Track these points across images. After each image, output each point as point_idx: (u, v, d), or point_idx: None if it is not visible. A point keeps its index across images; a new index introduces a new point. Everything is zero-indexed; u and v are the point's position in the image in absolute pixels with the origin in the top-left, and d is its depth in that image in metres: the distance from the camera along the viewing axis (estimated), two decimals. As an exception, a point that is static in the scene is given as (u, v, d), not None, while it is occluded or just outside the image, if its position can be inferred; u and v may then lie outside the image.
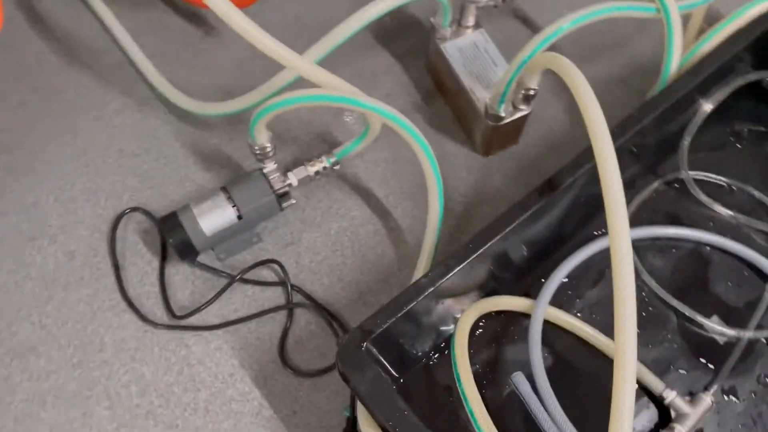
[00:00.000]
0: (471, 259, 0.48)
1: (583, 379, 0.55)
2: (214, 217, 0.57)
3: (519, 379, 0.51)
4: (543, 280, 0.56)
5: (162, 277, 0.59)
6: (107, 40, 0.70)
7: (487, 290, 0.56)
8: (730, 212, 0.62)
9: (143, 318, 0.58)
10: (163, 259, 0.60)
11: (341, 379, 0.45)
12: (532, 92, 0.58)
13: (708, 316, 0.57)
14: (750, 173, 0.64)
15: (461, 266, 0.48)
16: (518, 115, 0.60)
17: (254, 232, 0.61)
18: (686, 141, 0.62)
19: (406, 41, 0.72)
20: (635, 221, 0.60)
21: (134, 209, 0.62)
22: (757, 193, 0.63)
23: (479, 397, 0.48)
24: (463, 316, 0.53)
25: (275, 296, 0.60)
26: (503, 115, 0.60)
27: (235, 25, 0.47)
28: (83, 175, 0.64)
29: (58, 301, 0.59)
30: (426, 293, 0.47)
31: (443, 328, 0.54)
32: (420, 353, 0.54)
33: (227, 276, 0.59)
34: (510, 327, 0.56)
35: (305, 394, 0.56)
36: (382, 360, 0.47)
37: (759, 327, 0.57)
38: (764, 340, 0.57)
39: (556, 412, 0.49)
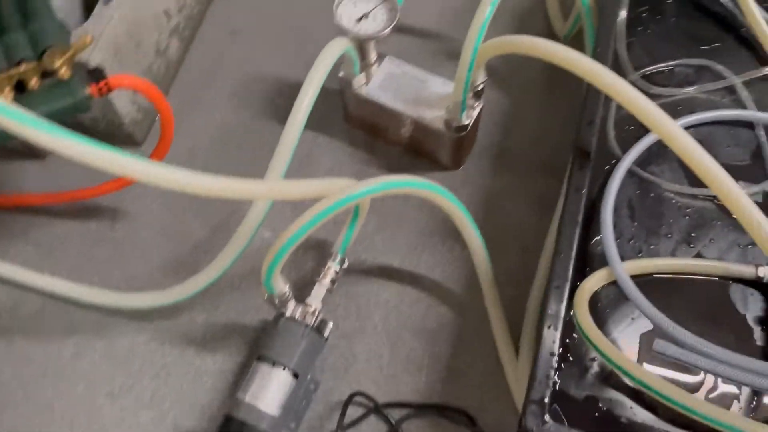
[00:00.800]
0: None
1: (693, 312, 0.54)
2: (271, 393, 0.49)
3: (662, 344, 0.49)
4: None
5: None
6: (19, 293, 0.58)
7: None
8: (689, 89, 0.63)
9: None
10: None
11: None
12: (481, 86, 0.55)
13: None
14: (677, 48, 0.66)
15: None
16: (476, 113, 0.57)
17: (308, 381, 0.53)
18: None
19: (315, 113, 0.66)
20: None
21: (171, 441, 0.52)
22: (694, 61, 0.65)
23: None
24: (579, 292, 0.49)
25: (373, 427, 0.52)
26: (467, 122, 0.56)
27: (198, 185, 0.39)
28: (86, 443, 0.53)
29: None
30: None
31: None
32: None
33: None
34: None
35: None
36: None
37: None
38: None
39: (715, 352, 0.47)
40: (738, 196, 0.39)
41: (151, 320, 0.56)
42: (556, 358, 0.41)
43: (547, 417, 0.39)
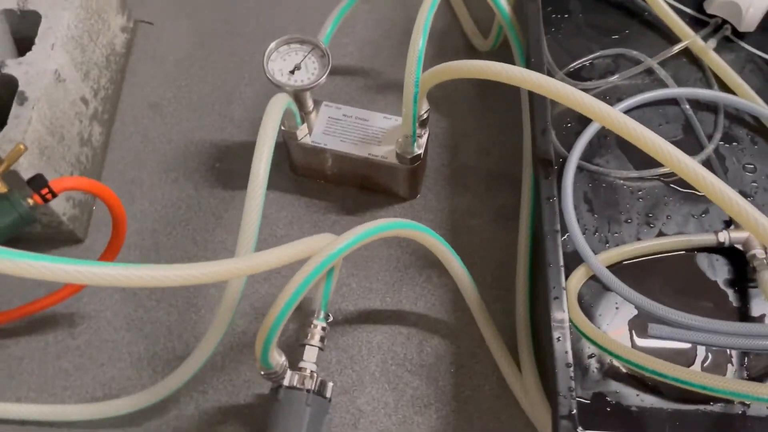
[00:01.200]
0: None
1: (669, 289, 0.57)
2: (289, 471, 0.46)
3: (656, 328, 0.50)
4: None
5: None
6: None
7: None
8: (612, 78, 0.66)
9: None
10: None
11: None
12: (425, 115, 0.56)
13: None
14: (590, 41, 0.69)
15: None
16: (424, 141, 0.58)
17: (320, 445, 0.51)
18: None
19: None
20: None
21: None
22: (610, 51, 0.69)
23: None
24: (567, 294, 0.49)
25: (397, 476, 0.51)
26: (419, 151, 0.57)
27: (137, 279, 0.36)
28: None
29: None
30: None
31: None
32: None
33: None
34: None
35: None
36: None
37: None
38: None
39: (705, 324, 0.49)
40: (692, 165, 0.41)
41: (139, 424, 0.53)
42: (572, 369, 0.41)
43: (579, 430, 0.39)
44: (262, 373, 0.47)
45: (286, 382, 0.49)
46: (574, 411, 0.40)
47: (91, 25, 0.62)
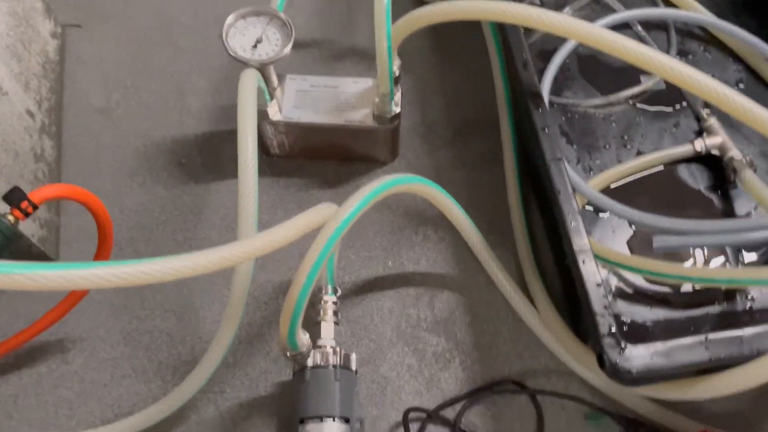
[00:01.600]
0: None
1: (658, 204, 0.58)
2: (333, 450, 0.45)
3: (661, 239, 0.51)
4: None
5: None
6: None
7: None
8: (566, 10, 0.67)
9: None
10: None
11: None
12: (398, 71, 0.54)
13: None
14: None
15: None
16: (399, 98, 0.56)
17: (356, 422, 0.49)
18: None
19: (232, 159, 0.62)
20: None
21: None
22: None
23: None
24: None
25: (436, 434, 0.51)
26: (398, 109, 0.55)
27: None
28: None
29: None
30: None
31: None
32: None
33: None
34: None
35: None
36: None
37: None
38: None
39: (707, 227, 0.51)
40: (679, 66, 0.41)
41: (160, 437, 0.50)
42: (602, 288, 0.41)
43: (623, 344, 0.40)
44: (288, 355, 0.45)
45: (310, 363, 0.47)
46: (614, 329, 0.40)
47: (21, 32, 0.58)
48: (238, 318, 0.47)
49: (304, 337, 0.45)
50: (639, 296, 0.54)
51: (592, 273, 0.42)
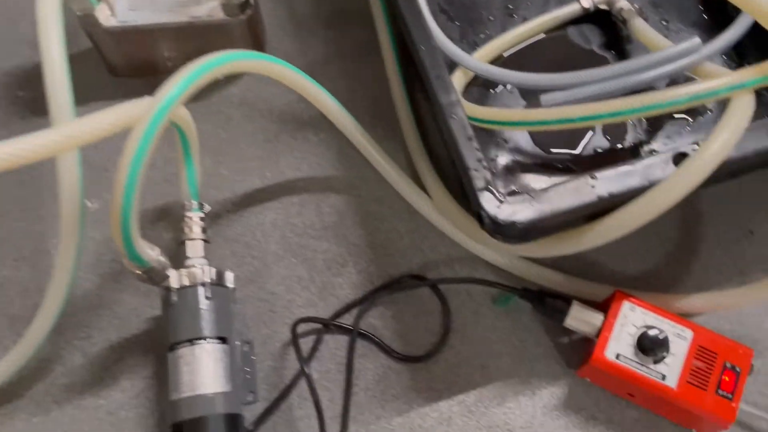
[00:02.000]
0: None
1: (551, 70, 0.53)
2: (207, 372, 0.40)
3: (548, 97, 0.46)
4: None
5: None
6: None
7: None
8: None
9: None
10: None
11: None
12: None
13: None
14: None
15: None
16: (250, -13, 0.50)
17: (239, 344, 0.44)
18: None
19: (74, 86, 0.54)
20: None
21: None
22: None
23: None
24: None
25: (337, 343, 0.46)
26: (245, -5, 0.49)
27: None
28: None
29: None
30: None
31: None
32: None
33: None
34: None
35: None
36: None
37: None
38: None
39: (592, 75, 0.46)
40: None
41: (21, 395, 0.44)
42: (474, 142, 0.36)
43: (503, 196, 0.35)
44: (138, 272, 0.39)
45: (175, 284, 0.41)
46: (491, 183, 0.35)
47: None
48: (76, 233, 0.40)
49: (151, 252, 0.38)
50: (538, 167, 0.50)
51: (461, 127, 0.36)
